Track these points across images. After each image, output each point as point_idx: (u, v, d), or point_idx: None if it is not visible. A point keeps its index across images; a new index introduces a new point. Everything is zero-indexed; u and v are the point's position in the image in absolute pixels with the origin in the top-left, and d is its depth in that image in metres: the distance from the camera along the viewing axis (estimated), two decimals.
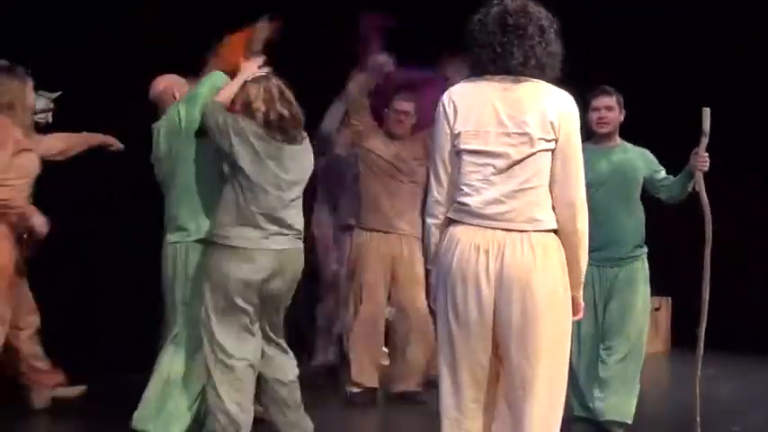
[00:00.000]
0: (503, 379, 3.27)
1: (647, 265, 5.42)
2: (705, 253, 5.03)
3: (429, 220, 3.40)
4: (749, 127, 8.69)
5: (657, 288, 8.74)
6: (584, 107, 4.95)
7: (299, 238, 4.76)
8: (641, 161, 5.40)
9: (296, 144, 4.69)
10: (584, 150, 3.32)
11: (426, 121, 5.29)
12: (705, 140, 5.03)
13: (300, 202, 4.76)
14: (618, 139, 5.46)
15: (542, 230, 3.22)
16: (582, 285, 3.38)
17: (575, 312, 3.36)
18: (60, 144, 5.78)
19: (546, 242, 3.22)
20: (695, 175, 5.07)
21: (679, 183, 5.23)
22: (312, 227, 6.93)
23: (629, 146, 5.47)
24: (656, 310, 9.49)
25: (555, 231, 3.26)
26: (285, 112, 4.61)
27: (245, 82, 4.66)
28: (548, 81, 3.28)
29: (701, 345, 5.04)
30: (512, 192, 3.21)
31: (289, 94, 4.68)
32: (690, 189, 5.16)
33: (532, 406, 3.20)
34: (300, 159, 4.72)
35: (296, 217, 4.71)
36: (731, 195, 7.87)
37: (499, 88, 3.25)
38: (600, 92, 5.41)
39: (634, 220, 5.37)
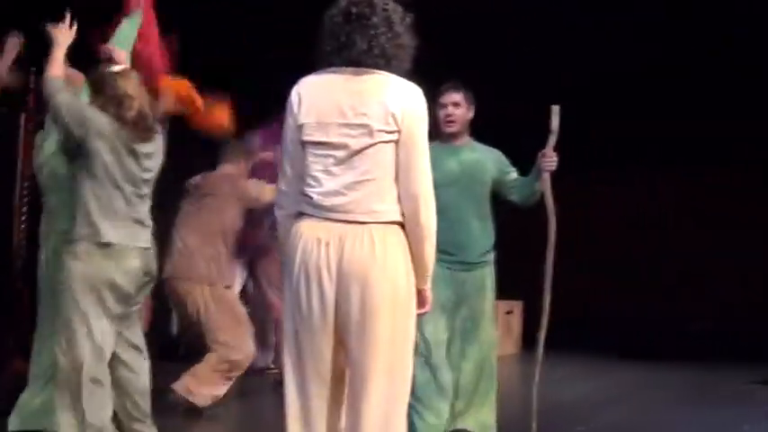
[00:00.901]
0: (347, 374, 3.26)
1: (494, 270, 5.19)
2: (548, 256, 4.98)
3: (277, 212, 3.41)
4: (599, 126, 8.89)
5: (509, 291, 8.94)
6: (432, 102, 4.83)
7: (151, 236, 4.66)
8: (491, 162, 5.12)
9: (151, 140, 4.59)
10: (431, 149, 3.30)
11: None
12: (553, 139, 4.91)
13: (150, 199, 4.67)
14: (467, 138, 5.16)
15: (383, 222, 3.21)
16: (429, 278, 3.36)
17: (421, 305, 3.35)
18: None
19: (387, 235, 3.20)
20: (542, 175, 4.94)
21: (528, 184, 5.04)
22: None
23: (479, 145, 5.18)
24: (509, 313, 9.67)
25: (400, 224, 3.24)
26: (145, 109, 4.54)
27: (113, 73, 4.55)
28: (397, 74, 3.28)
29: (541, 349, 5.06)
30: (352, 183, 3.20)
31: (145, 91, 4.62)
32: (539, 189, 5.00)
33: (370, 400, 3.17)
34: (155, 156, 4.63)
35: (148, 213, 4.63)
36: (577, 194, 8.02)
37: (344, 80, 3.26)
38: (447, 87, 5.08)
39: (484, 224, 5.11)
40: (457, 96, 5.06)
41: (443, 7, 7.29)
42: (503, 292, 5.52)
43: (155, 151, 4.62)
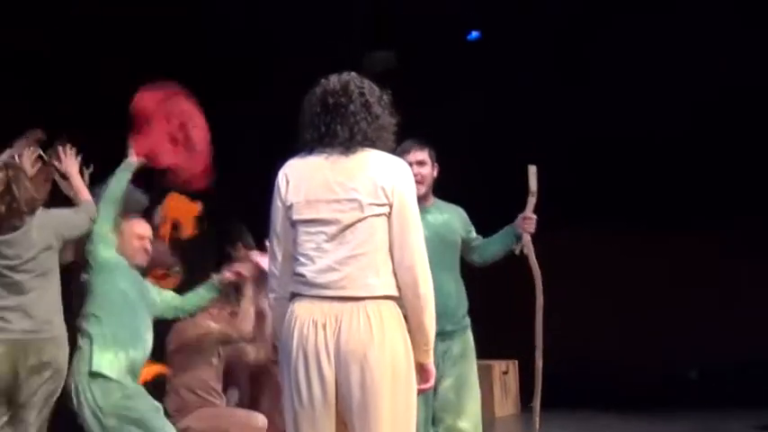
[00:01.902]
0: None
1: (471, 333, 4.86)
2: (536, 320, 4.80)
3: (269, 296, 3.40)
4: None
5: (504, 351, 8.87)
6: None
7: (48, 326, 4.57)
8: (458, 221, 4.87)
9: (19, 229, 4.58)
10: None
11: None
12: (533, 200, 4.75)
13: (42, 286, 4.59)
14: (432, 198, 4.83)
15: (378, 296, 3.18)
16: (430, 351, 3.32)
17: (424, 380, 3.32)
18: None
19: (383, 311, 3.18)
20: (523, 237, 4.74)
21: (500, 243, 4.80)
22: None
23: (443, 204, 4.89)
24: (505, 373, 9.57)
25: (395, 299, 3.22)
26: (2, 208, 4.54)
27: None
28: (382, 150, 3.30)
29: (537, 419, 4.91)
30: (344, 258, 3.18)
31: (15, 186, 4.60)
32: (517, 251, 4.78)
33: None
34: (26, 240, 4.58)
35: (38, 301, 4.55)
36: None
37: (330, 159, 3.26)
38: (411, 145, 4.68)
39: (459, 287, 4.82)
40: (422, 154, 4.76)
41: None
42: (497, 352, 5.45)
43: (16, 240, 4.55)
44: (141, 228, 5.13)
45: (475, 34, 8.46)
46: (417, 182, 4.48)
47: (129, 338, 4.76)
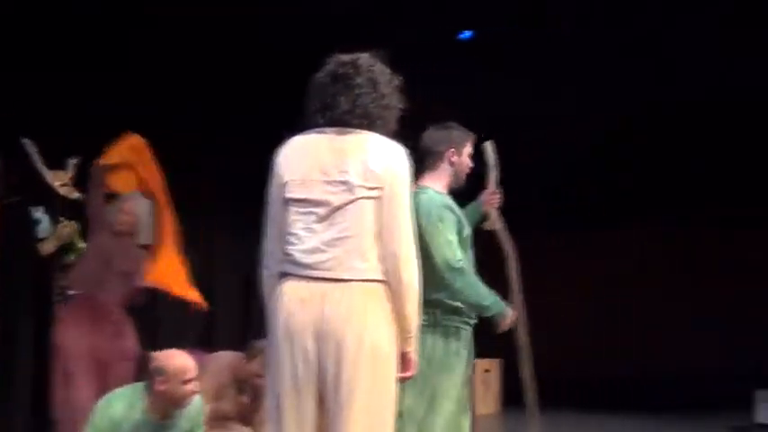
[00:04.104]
0: None
1: None
2: (514, 294, 4.56)
3: (262, 272, 3.37)
4: None
5: (487, 350, 8.89)
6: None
7: None
8: None
9: None
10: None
11: None
12: (494, 174, 4.62)
13: None
14: None
15: (365, 280, 3.18)
16: (413, 340, 3.30)
17: (405, 368, 3.29)
18: None
19: (368, 293, 3.18)
20: (490, 213, 4.62)
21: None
22: None
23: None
24: (487, 371, 9.63)
25: (384, 284, 3.21)
26: None
27: None
28: (381, 134, 3.30)
29: (533, 404, 4.85)
30: (332, 240, 3.19)
31: None
32: (485, 228, 4.63)
33: None
34: None
35: None
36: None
37: (328, 140, 3.27)
38: (471, 137, 4.47)
39: None
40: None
41: None
42: (481, 350, 5.46)
43: None
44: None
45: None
46: (468, 174, 4.45)
47: None
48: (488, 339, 5.70)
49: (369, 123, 3.28)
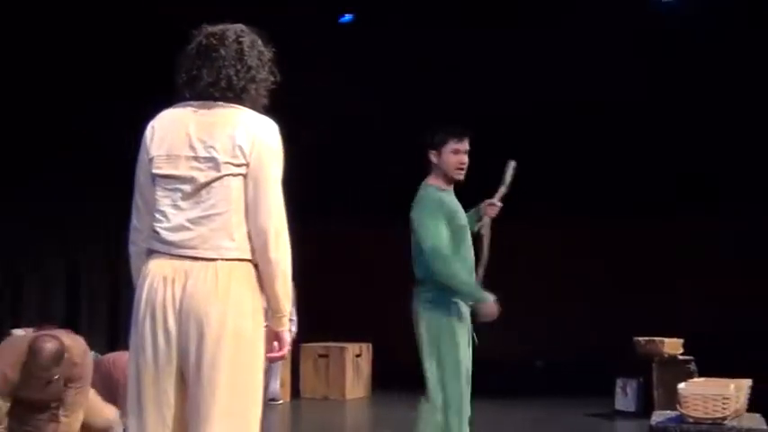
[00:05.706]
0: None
1: None
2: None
3: (129, 248, 3.29)
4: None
5: (358, 334, 8.91)
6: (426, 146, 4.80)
7: None
8: None
9: None
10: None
11: None
12: (503, 191, 5.03)
13: None
14: None
15: (230, 259, 3.12)
16: (284, 320, 3.24)
17: (279, 348, 3.23)
18: None
19: (234, 272, 3.11)
20: (484, 219, 5.02)
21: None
22: None
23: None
24: (358, 356, 9.63)
25: (252, 263, 3.14)
26: None
27: None
28: (251, 107, 3.22)
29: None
30: (198, 218, 3.12)
31: None
32: (475, 230, 4.99)
33: None
34: None
35: None
36: None
37: (196, 114, 3.19)
38: (465, 132, 4.88)
39: None
40: (468, 145, 4.88)
41: None
42: (351, 335, 5.47)
43: None
44: None
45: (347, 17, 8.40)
46: (462, 170, 4.84)
47: None
48: (359, 324, 5.71)
49: (234, 96, 3.19)
